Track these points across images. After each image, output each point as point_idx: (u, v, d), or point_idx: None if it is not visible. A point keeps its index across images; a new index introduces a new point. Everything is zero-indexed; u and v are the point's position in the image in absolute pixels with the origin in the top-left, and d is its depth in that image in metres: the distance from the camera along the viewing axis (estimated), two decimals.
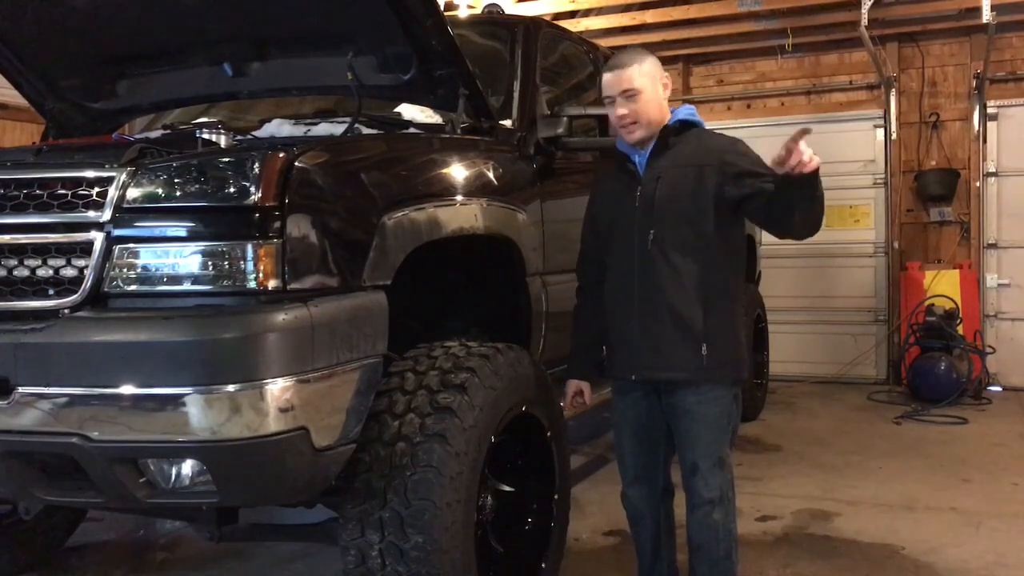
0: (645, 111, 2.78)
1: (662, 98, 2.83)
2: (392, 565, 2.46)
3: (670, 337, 2.74)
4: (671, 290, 2.74)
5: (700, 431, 2.77)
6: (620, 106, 2.78)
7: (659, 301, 2.75)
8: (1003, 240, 7.93)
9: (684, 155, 2.79)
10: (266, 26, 3.15)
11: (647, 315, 2.77)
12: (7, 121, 5.93)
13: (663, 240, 2.75)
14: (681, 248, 2.74)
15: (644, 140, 2.82)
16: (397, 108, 3.44)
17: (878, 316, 8.23)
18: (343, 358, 2.35)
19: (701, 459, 2.77)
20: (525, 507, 3.08)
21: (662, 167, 2.80)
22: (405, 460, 2.47)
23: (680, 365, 2.75)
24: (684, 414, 2.78)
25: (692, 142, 2.83)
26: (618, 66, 2.80)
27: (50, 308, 2.26)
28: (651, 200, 2.77)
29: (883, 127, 8.16)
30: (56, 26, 3.24)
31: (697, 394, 2.75)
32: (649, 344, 2.77)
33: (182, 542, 4.08)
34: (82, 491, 2.33)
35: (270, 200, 2.20)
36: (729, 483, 2.81)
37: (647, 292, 2.77)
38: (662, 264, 2.75)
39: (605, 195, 2.99)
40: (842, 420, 6.62)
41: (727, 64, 8.87)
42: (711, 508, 2.76)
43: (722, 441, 2.80)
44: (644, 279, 2.77)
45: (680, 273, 2.74)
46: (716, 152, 2.78)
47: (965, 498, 4.58)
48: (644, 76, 2.78)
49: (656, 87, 2.81)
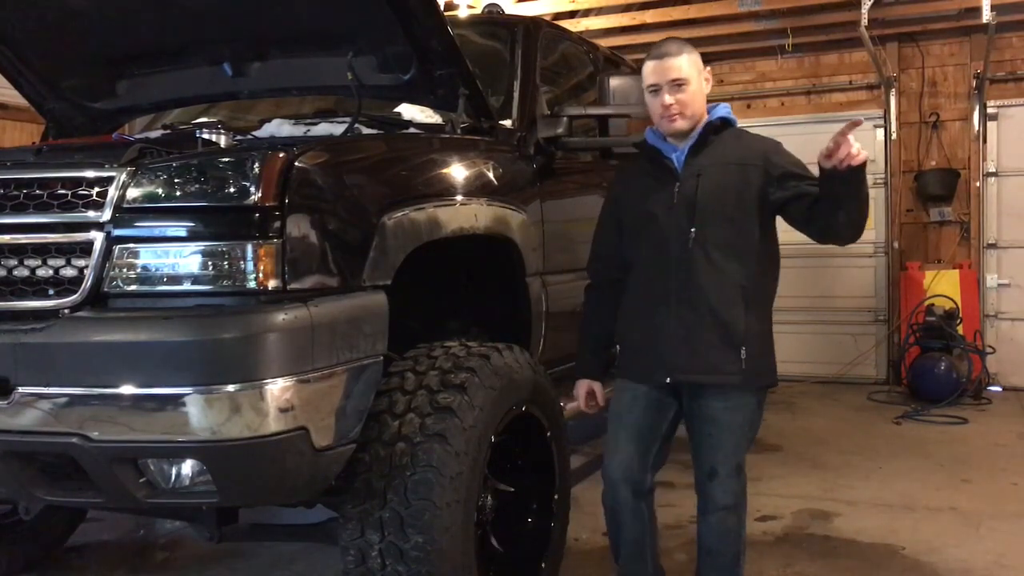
0: (691, 102, 2.73)
1: (704, 92, 2.79)
2: (392, 565, 2.46)
3: (710, 339, 2.67)
4: (713, 291, 2.67)
5: (723, 437, 2.72)
6: (667, 95, 2.71)
7: (700, 302, 2.68)
8: (1003, 240, 7.93)
9: (725, 153, 2.74)
10: (266, 26, 3.15)
11: (686, 316, 2.69)
12: (7, 121, 5.93)
13: (705, 239, 2.68)
14: (724, 248, 2.68)
15: (683, 133, 2.76)
16: (397, 108, 3.44)
17: (878, 316, 8.23)
18: (343, 358, 2.35)
19: (721, 465, 2.72)
20: (525, 507, 3.08)
21: (703, 164, 2.73)
22: (405, 460, 2.47)
23: (719, 368, 2.68)
24: (709, 419, 2.73)
25: (732, 140, 2.79)
26: (666, 54, 2.74)
27: (50, 308, 2.25)
28: (692, 197, 2.70)
29: (883, 127, 8.16)
30: (56, 26, 3.24)
31: (726, 400, 2.70)
32: (687, 346, 2.69)
33: (182, 542, 4.08)
34: (82, 491, 2.33)
35: (270, 200, 2.20)
36: (744, 489, 2.77)
37: (686, 292, 2.69)
38: (704, 264, 2.68)
39: (634, 191, 2.88)
40: (842, 420, 6.62)
41: (727, 64, 8.87)
42: (726, 514, 2.73)
43: (743, 448, 2.76)
44: (683, 279, 2.69)
45: (723, 273, 2.68)
46: (760, 152, 2.74)
47: (965, 498, 4.58)
48: (692, 67, 2.74)
49: (701, 80, 2.77)
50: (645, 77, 2.77)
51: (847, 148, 2.39)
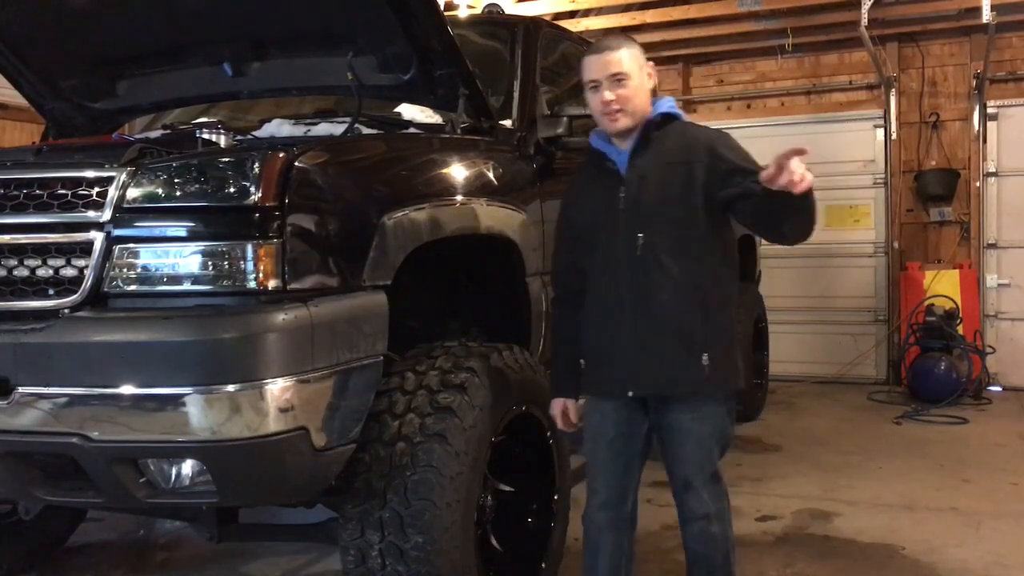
0: (633, 98, 2.58)
1: (647, 88, 2.64)
2: (392, 565, 2.46)
3: (670, 349, 2.55)
4: (668, 297, 2.54)
5: (693, 449, 2.60)
6: (607, 91, 2.57)
7: (655, 310, 2.55)
8: (1003, 240, 7.93)
9: (670, 151, 2.61)
10: (266, 26, 3.15)
11: (642, 326, 2.56)
12: (7, 121, 5.93)
13: (654, 244, 2.55)
14: (675, 251, 2.55)
15: (627, 132, 2.62)
16: (397, 108, 3.44)
17: (878, 316, 8.23)
18: (343, 358, 2.35)
19: (694, 476, 2.61)
20: (525, 507, 3.08)
21: (646, 165, 2.60)
22: (405, 460, 2.47)
23: (681, 379, 2.56)
24: (677, 431, 2.61)
25: (676, 136, 2.64)
26: (605, 48, 2.61)
27: (50, 308, 2.26)
28: (637, 201, 2.58)
29: (883, 127, 8.16)
30: (56, 26, 3.24)
31: (692, 411, 2.58)
32: (646, 357, 2.56)
33: (182, 542, 4.08)
34: (82, 491, 2.33)
35: (270, 200, 2.20)
36: (723, 494, 2.67)
37: (640, 301, 2.56)
38: (655, 270, 2.55)
39: (583, 198, 2.76)
40: (842, 420, 6.62)
41: (727, 64, 8.87)
42: (707, 523, 2.62)
43: (715, 456, 2.64)
44: (636, 287, 2.57)
45: (676, 278, 2.54)
46: (705, 146, 2.60)
47: (965, 498, 4.58)
48: (633, 61, 2.60)
49: (643, 75, 2.63)
50: (584, 73, 2.63)
51: (789, 175, 2.23)
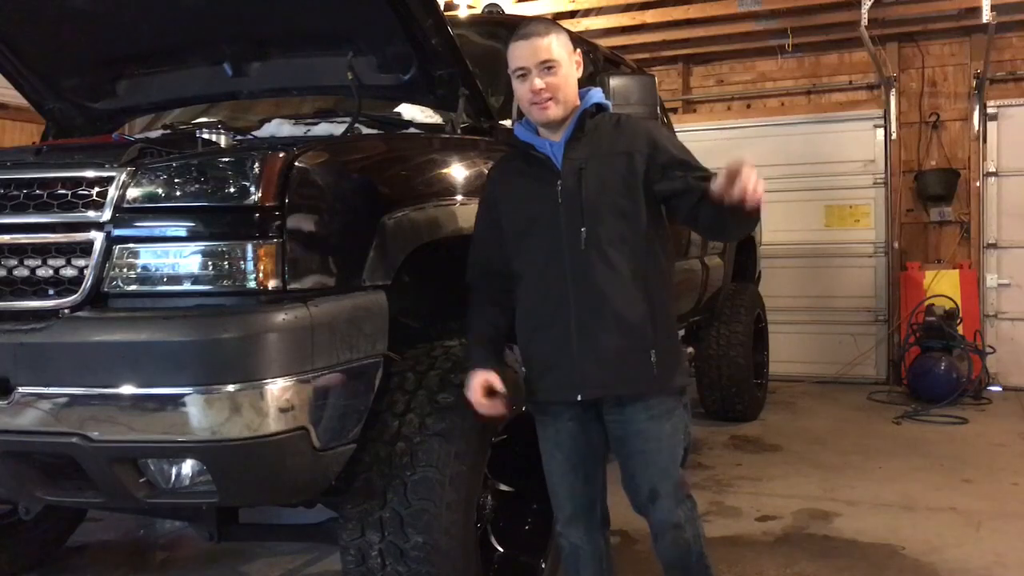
0: (562, 86, 2.45)
1: (576, 77, 2.52)
2: (392, 565, 2.46)
3: (618, 347, 2.42)
4: (614, 293, 2.42)
5: (654, 451, 2.48)
6: (536, 78, 2.43)
7: (602, 307, 2.42)
8: (1003, 240, 7.93)
9: (607, 141, 2.49)
10: (266, 26, 3.15)
11: (589, 324, 2.43)
12: (7, 121, 5.94)
13: (598, 237, 2.42)
14: (620, 244, 2.43)
15: (556, 121, 2.48)
16: (397, 108, 3.44)
17: (878, 316, 8.23)
18: (343, 358, 2.35)
19: (660, 483, 2.48)
20: (525, 507, 3.08)
21: (583, 156, 2.47)
22: (405, 460, 2.47)
23: (630, 377, 2.44)
24: (636, 434, 2.48)
25: (610, 126, 2.53)
26: (533, 34, 2.47)
27: (50, 308, 2.26)
28: (577, 194, 2.44)
29: (883, 127, 8.16)
30: (56, 26, 3.24)
31: (647, 409, 2.46)
32: (594, 357, 2.43)
33: (182, 542, 4.08)
34: (82, 491, 2.33)
35: (270, 200, 2.20)
36: (687, 498, 2.54)
37: (586, 298, 2.43)
38: (601, 264, 2.42)
39: (513, 194, 2.58)
40: (842, 420, 6.62)
41: (727, 64, 8.87)
42: (678, 532, 2.50)
43: (677, 458, 2.52)
44: (580, 283, 2.44)
45: (622, 272, 2.43)
46: (644, 136, 2.50)
47: (965, 498, 4.58)
48: (562, 48, 2.47)
49: (572, 63, 2.51)
50: (511, 61, 2.49)
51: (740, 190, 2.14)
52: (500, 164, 2.74)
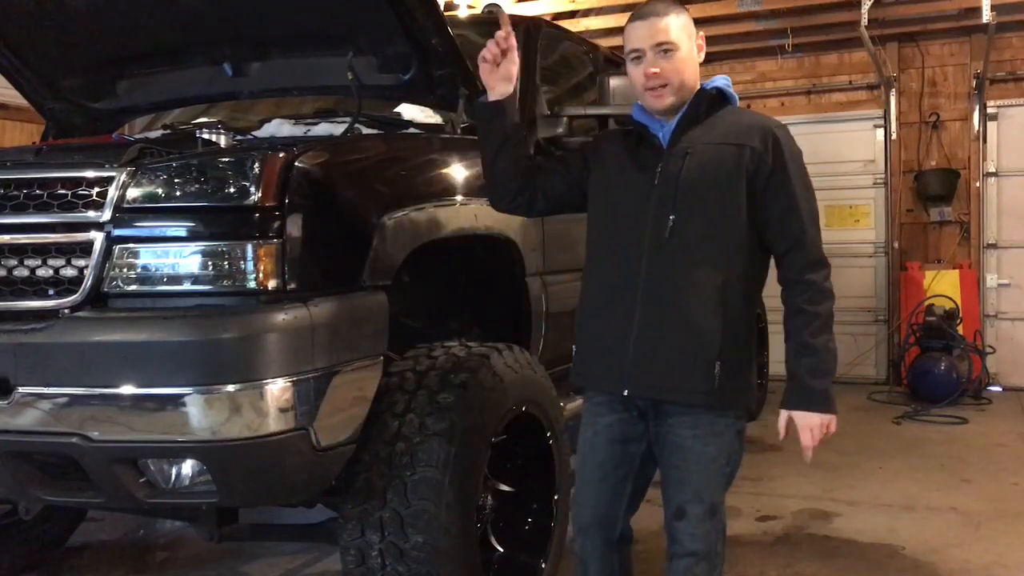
0: (680, 71, 2.27)
1: (697, 61, 2.34)
2: (392, 565, 2.46)
3: (679, 350, 2.22)
4: (688, 291, 2.22)
5: (692, 470, 2.26)
6: (651, 63, 2.25)
7: (671, 302, 2.23)
8: (1003, 240, 7.93)
9: (721, 130, 2.27)
10: (266, 26, 3.15)
11: (653, 317, 2.24)
12: (7, 121, 5.94)
13: (686, 229, 2.22)
14: (707, 241, 2.23)
15: (672, 109, 2.30)
16: (397, 108, 3.44)
17: (878, 316, 8.23)
18: (343, 358, 2.35)
19: (690, 504, 2.26)
20: (525, 507, 3.08)
21: (692, 142, 2.27)
22: (405, 460, 2.47)
23: (684, 386, 2.23)
24: (676, 448, 2.27)
25: (729, 116, 2.32)
26: (651, 14, 2.26)
27: (50, 308, 2.26)
28: (675, 180, 2.24)
29: (883, 127, 8.16)
30: (56, 26, 3.24)
31: (694, 427, 2.25)
32: (650, 355, 2.24)
33: (182, 542, 4.08)
34: (82, 491, 2.34)
35: (270, 200, 2.20)
36: (719, 533, 2.31)
37: (656, 292, 2.24)
38: (681, 258, 2.22)
39: (612, 167, 2.40)
40: (842, 420, 6.45)
41: (727, 64, 8.86)
42: (694, 562, 2.27)
43: (717, 485, 2.29)
44: (655, 274, 2.24)
45: (702, 271, 2.22)
46: (760, 131, 2.26)
47: (965, 498, 4.58)
48: (682, 30, 2.27)
49: (692, 46, 2.31)
50: (627, 42, 2.31)
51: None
52: (612, 133, 2.60)
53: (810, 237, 2.24)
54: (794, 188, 2.25)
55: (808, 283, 2.24)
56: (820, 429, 2.21)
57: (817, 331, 2.22)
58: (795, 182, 2.25)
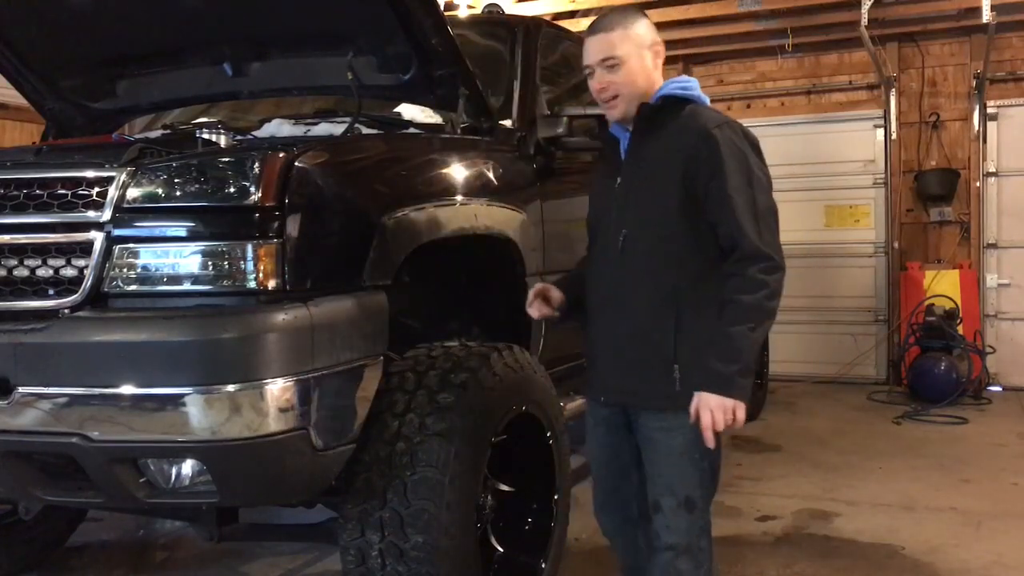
0: (630, 83, 2.33)
1: (651, 68, 2.36)
2: (392, 565, 2.46)
3: (638, 356, 2.33)
4: (643, 300, 2.32)
5: (661, 463, 2.34)
6: (598, 78, 2.34)
7: (629, 312, 2.34)
8: (1003, 240, 7.93)
9: (666, 140, 2.31)
10: (266, 26, 3.15)
11: (617, 327, 2.37)
12: (7, 121, 5.94)
13: (637, 240, 2.33)
14: (658, 251, 2.31)
15: (629, 119, 2.38)
16: (397, 108, 3.44)
17: (878, 316, 8.23)
18: (343, 358, 2.35)
19: (663, 497, 2.33)
20: (525, 507, 3.08)
21: (643, 153, 2.35)
22: (405, 460, 2.47)
23: (644, 390, 2.34)
24: (647, 442, 2.37)
25: (681, 121, 2.33)
26: (600, 29, 2.34)
27: (50, 308, 2.26)
28: (625, 194, 2.36)
29: (883, 127, 8.16)
30: (56, 26, 3.24)
31: (662, 420, 2.31)
32: (616, 362, 2.39)
33: (182, 542, 4.08)
34: (82, 491, 2.34)
35: (270, 200, 2.21)
36: (701, 529, 2.35)
37: (617, 303, 2.37)
38: (635, 268, 2.33)
39: (594, 185, 2.59)
40: (842, 420, 6.62)
41: (727, 64, 8.87)
42: (674, 556, 2.32)
43: (691, 478, 2.32)
44: (615, 285, 2.37)
45: (655, 281, 2.31)
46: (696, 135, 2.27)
47: (965, 498, 4.58)
48: (629, 42, 2.32)
49: (642, 55, 2.34)
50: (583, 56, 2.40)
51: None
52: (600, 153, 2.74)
53: (747, 232, 2.21)
54: (728, 187, 2.23)
55: (739, 275, 2.21)
56: (719, 411, 2.15)
57: (734, 319, 2.18)
58: (731, 181, 2.24)
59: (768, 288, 2.19)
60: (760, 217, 2.23)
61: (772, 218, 2.28)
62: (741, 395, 2.17)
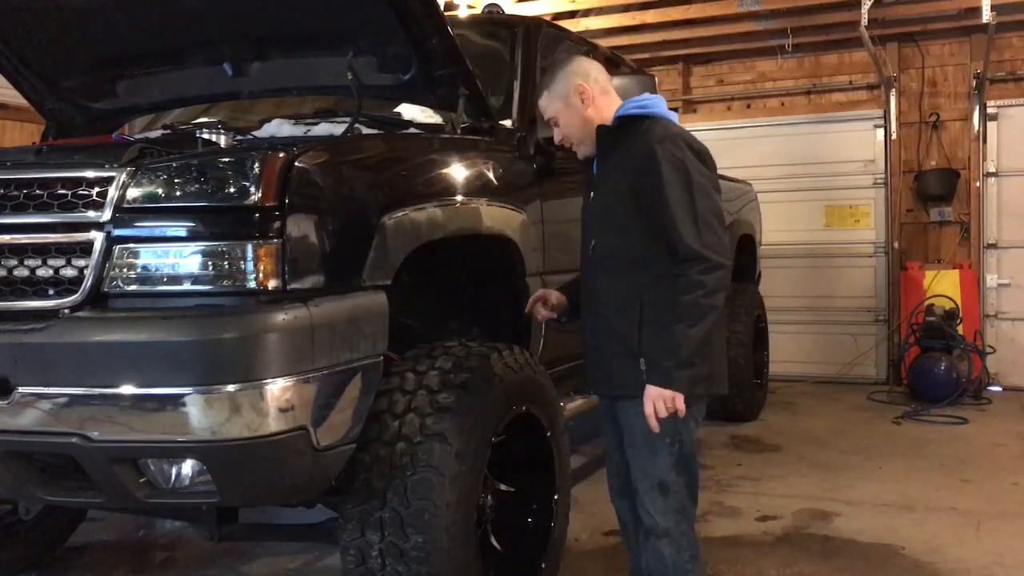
0: (572, 132, 2.67)
1: (584, 107, 2.62)
2: (392, 565, 2.46)
3: (612, 352, 2.59)
4: (610, 302, 2.59)
5: (636, 445, 2.57)
6: (554, 133, 2.73)
7: (601, 313, 2.62)
8: (1003, 240, 7.93)
9: (620, 159, 2.58)
10: (266, 26, 3.15)
11: (594, 327, 2.66)
12: (7, 121, 5.94)
13: (600, 250, 2.62)
14: (616, 259, 2.58)
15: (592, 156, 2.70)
16: (397, 108, 3.44)
17: (878, 316, 8.23)
18: (343, 358, 2.35)
19: (639, 479, 2.57)
20: (525, 507, 3.08)
21: (606, 169, 2.64)
22: (405, 460, 2.47)
23: (618, 383, 2.59)
24: (625, 427, 2.61)
25: (633, 139, 2.56)
26: (538, 93, 2.76)
27: (50, 308, 2.26)
28: (594, 206, 2.67)
29: (883, 127, 8.15)
30: (56, 26, 3.24)
31: (636, 406, 2.49)
32: (594, 358, 2.68)
33: (182, 542, 4.08)
34: (82, 491, 2.33)
35: (270, 200, 2.20)
36: (677, 512, 2.53)
37: (593, 305, 2.67)
38: (602, 275, 2.62)
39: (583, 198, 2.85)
40: (842, 420, 6.62)
41: (727, 64, 8.87)
42: (655, 539, 2.54)
43: (661, 463, 2.52)
44: (591, 291, 2.68)
45: (617, 285, 2.57)
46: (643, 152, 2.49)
47: (965, 498, 4.58)
48: (553, 101, 2.66)
49: (569, 105, 2.63)
50: None
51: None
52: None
53: (684, 236, 2.41)
54: (667, 196, 2.44)
55: (682, 275, 2.42)
56: (660, 401, 2.38)
57: (674, 318, 2.40)
58: (669, 191, 2.43)
59: (704, 288, 2.38)
60: (700, 220, 2.43)
61: (715, 219, 2.47)
62: (679, 387, 2.39)
